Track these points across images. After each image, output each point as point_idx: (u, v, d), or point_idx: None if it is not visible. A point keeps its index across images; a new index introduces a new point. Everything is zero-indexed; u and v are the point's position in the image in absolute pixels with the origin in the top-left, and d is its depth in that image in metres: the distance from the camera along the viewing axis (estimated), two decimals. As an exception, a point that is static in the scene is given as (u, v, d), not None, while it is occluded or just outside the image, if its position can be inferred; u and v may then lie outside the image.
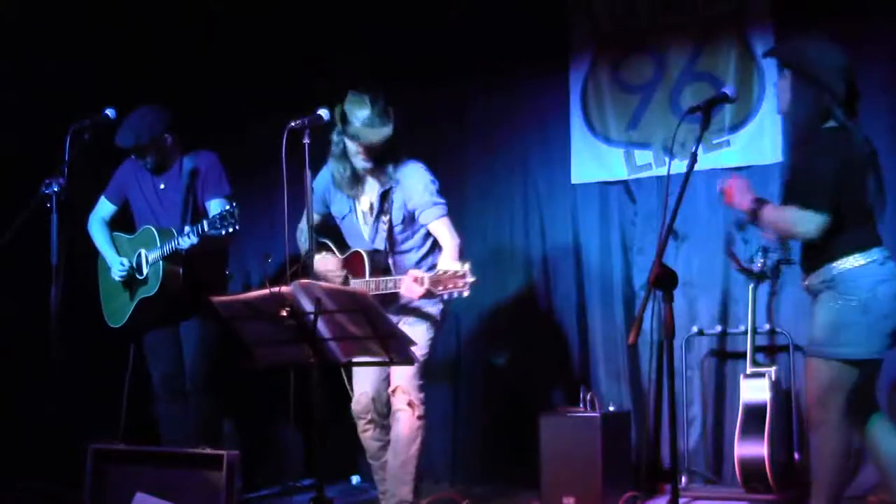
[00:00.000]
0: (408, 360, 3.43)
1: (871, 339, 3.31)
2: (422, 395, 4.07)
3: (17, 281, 4.80)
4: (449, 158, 4.50)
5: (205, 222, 4.24)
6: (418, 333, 4.01)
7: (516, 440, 5.01)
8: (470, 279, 3.58)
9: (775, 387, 4.57)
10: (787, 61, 3.51)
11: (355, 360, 3.46)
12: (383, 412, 4.19)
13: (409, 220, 4.14)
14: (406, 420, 4.04)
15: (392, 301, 4.05)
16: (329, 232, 4.36)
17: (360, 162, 4.09)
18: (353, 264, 4.12)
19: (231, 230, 4.16)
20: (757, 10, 4.91)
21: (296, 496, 4.83)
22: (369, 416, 4.19)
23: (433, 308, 4.13)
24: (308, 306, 3.27)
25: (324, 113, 3.92)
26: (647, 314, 4.95)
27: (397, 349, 3.35)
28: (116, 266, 4.60)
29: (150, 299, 4.53)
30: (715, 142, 4.97)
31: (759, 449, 4.42)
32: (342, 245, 4.26)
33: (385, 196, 4.12)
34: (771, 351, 4.87)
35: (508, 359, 5.32)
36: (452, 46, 5.47)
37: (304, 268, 3.95)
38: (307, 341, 3.32)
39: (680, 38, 5.09)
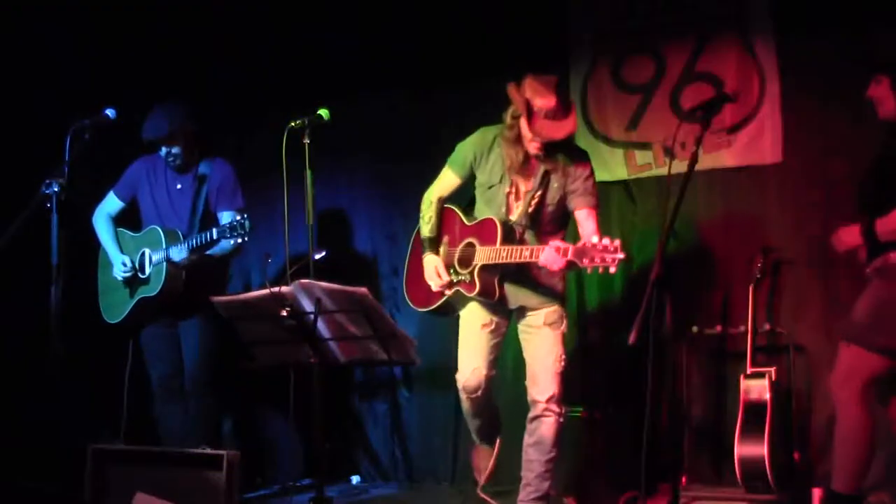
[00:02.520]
0: (408, 360, 3.44)
1: None
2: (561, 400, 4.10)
3: (17, 281, 4.80)
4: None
5: (214, 230, 4.29)
6: (558, 338, 4.09)
7: (517, 440, 5.00)
8: (620, 255, 3.53)
9: (775, 387, 4.56)
10: (886, 65, 3.54)
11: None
12: (491, 389, 4.19)
13: (562, 204, 4.05)
14: (553, 424, 4.06)
15: (518, 277, 4.03)
16: (453, 199, 4.30)
17: (533, 149, 3.96)
18: (483, 230, 4.05)
19: (240, 241, 4.22)
20: (757, 11, 4.90)
21: (296, 496, 4.82)
22: (479, 393, 4.15)
23: (560, 313, 4.12)
24: (308, 306, 3.28)
25: (324, 113, 3.93)
26: (647, 314, 4.96)
27: (397, 349, 3.35)
28: (119, 264, 4.61)
29: (150, 299, 4.54)
30: (715, 142, 4.96)
31: (759, 449, 4.41)
32: (468, 215, 4.20)
33: (546, 174, 4.00)
34: (771, 351, 4.87)
35: (508, 359, 5.31)
36: (452, 46, 5.46)
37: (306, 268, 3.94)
38: (307, 341, 3.33)
39: (680, 38, 5.09)
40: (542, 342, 4.09)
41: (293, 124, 3.84)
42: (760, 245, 4.77)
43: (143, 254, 4.58)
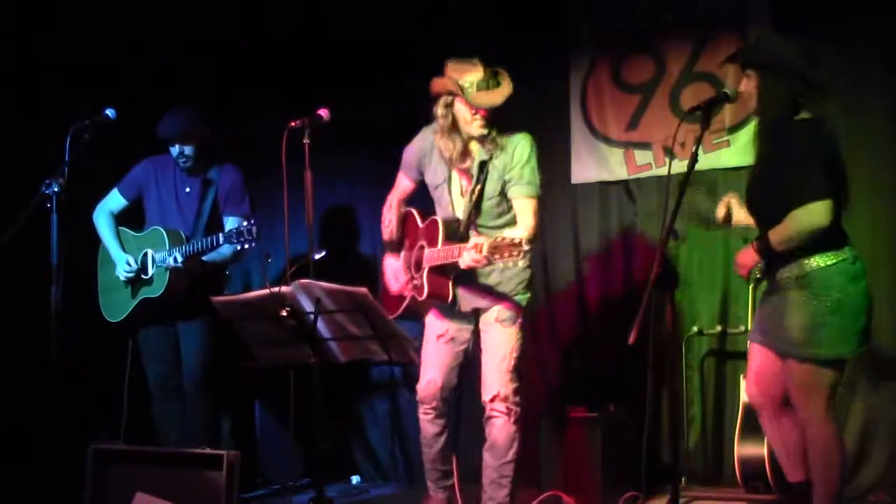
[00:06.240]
0: (408, 360, 3.43)
1: (844, 338, 3.31)
2: (518, 399, 3.95)
3: (17, 281, 4.80)
4: (449, 158, 4.53)
5: (220, 235, 4.29)
6: (510, 336, 3.94)
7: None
8: (525, 248, 3.40)
9: (775, 387, 4.56)
10: (752, 62, 3.50)
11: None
12: (449, 400, 4.09)
13: (504, 195, 3.90)
14: (503, 426, 3.94)
15: (467, 277, 3.88)
16: (413, 200, 4.23)
17: (476, 129, 3.86)
18: (429, 232, 3.96)
19: (246, 246, 4.22)
20: (757, 10, 4.90)
21: (296, 496, 4.82)
22: (434, 404, 4.07)
23: (513, 311, 3.97)
24: (308, 306, 3.28)
25: (323, 113, 3.92)
26: (647, 314, 4.95)
27: (397, 349, 3.35)
28: (122, 264, 4.61)
29: (152, 300, 4.55)
30: (715, 142, 4.97)
31: (759, 449, 4.41)
32: (425, 217, 4.08)
33: (483, 165, 3.89)
34: (771, 351, 4.86)
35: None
36: (453, 46, 5.45)
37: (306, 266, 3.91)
38: (307, 341, 3.32)
39: (680, 38, 5.09)
40: (492, 340, 3.96)
41: (293, 124, 3.84)
42: (760, 245, 4.77)
43: (145, 254, 4.58)
